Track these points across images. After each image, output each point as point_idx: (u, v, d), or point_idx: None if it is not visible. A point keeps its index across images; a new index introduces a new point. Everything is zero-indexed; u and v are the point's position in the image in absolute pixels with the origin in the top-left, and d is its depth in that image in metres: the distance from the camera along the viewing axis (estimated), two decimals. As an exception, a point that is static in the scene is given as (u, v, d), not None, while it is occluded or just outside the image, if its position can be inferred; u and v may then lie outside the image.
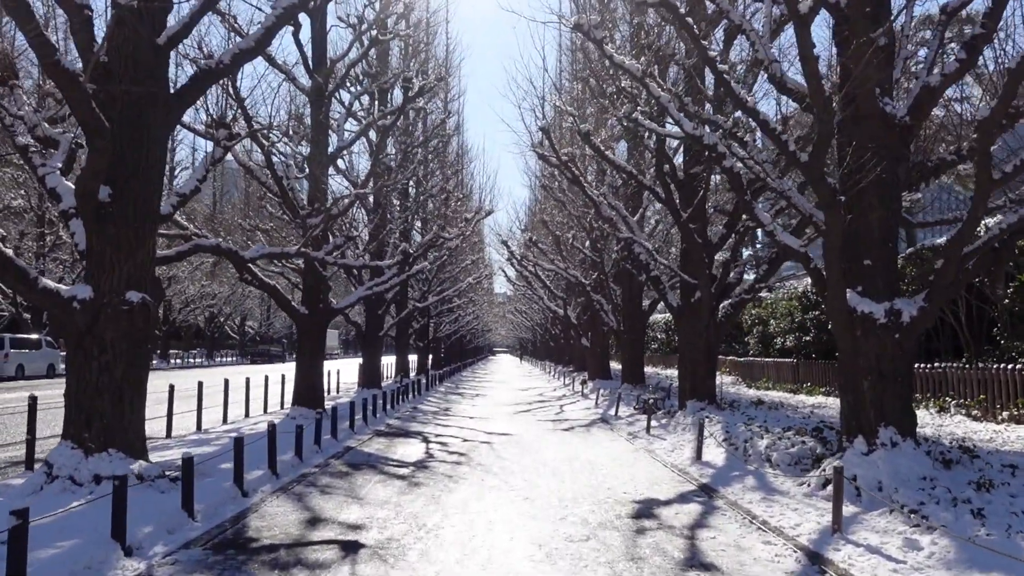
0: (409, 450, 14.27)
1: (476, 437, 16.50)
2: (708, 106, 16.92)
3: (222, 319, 77.92)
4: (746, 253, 21.98)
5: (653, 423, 17.40)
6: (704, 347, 18.75)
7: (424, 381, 33.19)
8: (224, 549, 7.12)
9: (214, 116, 13.80)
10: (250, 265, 18.19)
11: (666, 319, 50.71)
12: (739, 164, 10.35)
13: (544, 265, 32.53)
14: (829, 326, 25.01)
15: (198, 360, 68.66)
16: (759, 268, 19.60)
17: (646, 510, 9.08)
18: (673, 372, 43.20)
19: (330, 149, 19.59)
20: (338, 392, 29.30)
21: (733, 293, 19.48)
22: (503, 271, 49.98)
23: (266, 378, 22.16)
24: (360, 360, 30.09)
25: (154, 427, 16.58)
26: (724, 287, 19.02)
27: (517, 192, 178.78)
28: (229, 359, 75.65)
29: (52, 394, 24.37)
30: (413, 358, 50.35)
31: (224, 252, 12.16)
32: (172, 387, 15.92)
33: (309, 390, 18.91)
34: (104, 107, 9.50)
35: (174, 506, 8.07)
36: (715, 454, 12.92)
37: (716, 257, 19.48)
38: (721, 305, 20.05)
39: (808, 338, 26.76)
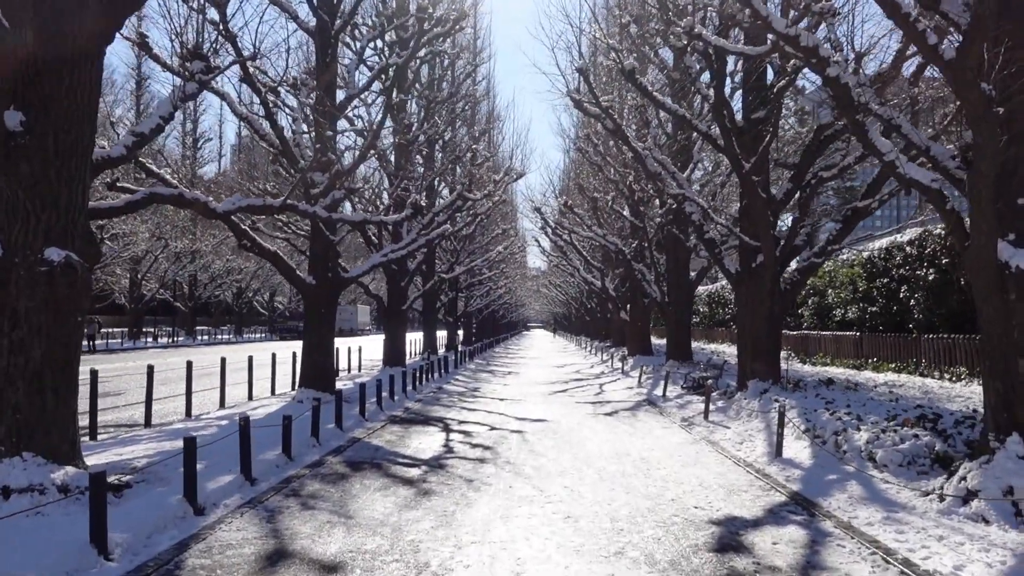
0: (425, 442, 12.02)
1: (506, 424, 14.22)
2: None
3: (250, 294, 76.62)
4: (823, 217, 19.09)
5: (710, 407, 14.97)
6: (767, 319, 16.25)
7: (453, 358, 31.05)
8: (128, 613, 4.91)
9: (189, 47, 11.57)
10: (248, 230, 16.07)
11: (708, 291, 47.99)
12: (846, 75, 7.78)
13: (581, 232, 30.04)
14: (901, 294, 22.43)
15: (225, 337, 67.34)
16: (810, 234, 16.96)
17: (731, 537, 6.70)
18: (718, 347, 40.58)
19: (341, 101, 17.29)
20: (359, 370, 27.26)
21: (800, 257, 16.91)
22: (537, 241, 47.49)
23: (273, 356, 20.09)
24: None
25: (139, 413, 14.66)
26: (790, 250, 16.46)
27: (550, 155, 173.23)
28: (258, 335, 74.37)
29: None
30: (442, 334, 48.33)
31: (190, 203, 9.94)
32: (151, 368, 13.80)
33: (318, 370, 16.75)
34: (10, 8, 7.28)
35: (83, 538, 5.87)
36: (797, 449, 10.49)
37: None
38: (785, 271, 17.51)
39: (874, 309, 24.05)
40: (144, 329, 59.38)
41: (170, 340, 56.96)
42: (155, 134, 10.08)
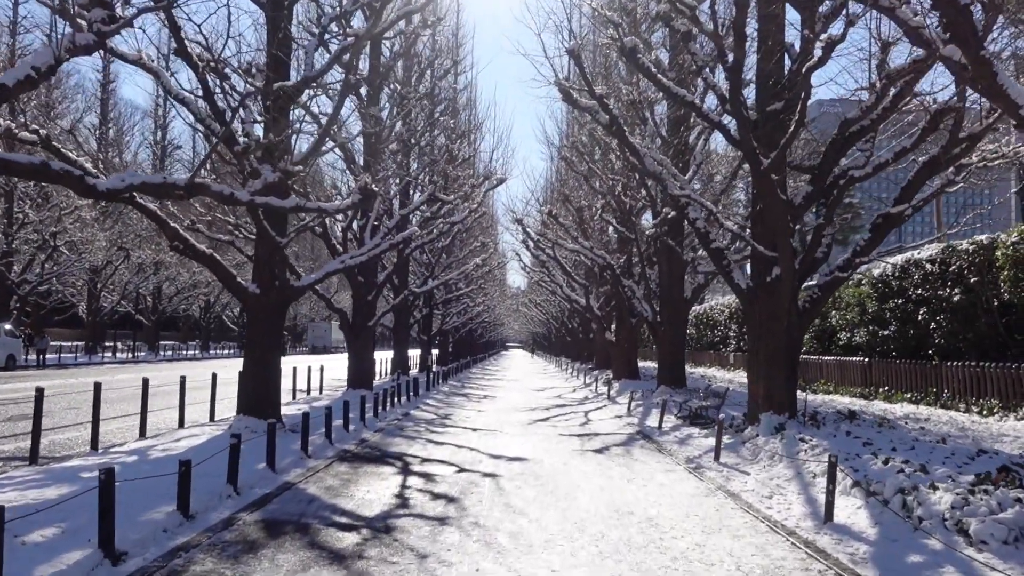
0: (375, 490, 9.60)
1: (477, 464, 11.81)
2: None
3: (219, 308, 73.63)
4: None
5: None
6: (784, 342, 14.05)
7: (425, 379, 28.60)
8: None
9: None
10: (179, 228, 13.66)
11: (696, 311, 45.82)
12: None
13: (566, 245, 27.79)
14: (919, 317, 20.30)
15: (190, 353, 64.27)
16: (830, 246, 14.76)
17: None
18: (706, 371, 38.36)
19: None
20: (321, 392, 24.72)
21: (822, 270, 14.77)
22: (518, 255, 45.16)
23: (214, 376, 17.54)
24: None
25: (44, 442, 12.09)
26: (811, 262, 14.31)
27: (533, 161, 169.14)
28: (226, 351, 71.25)
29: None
30: (416, 352, 45.82)
31: (59, 178, 7.49)
32: (40, 391, 11.24)
33: (260, 395, 14.29)
34: None
35: None
36: (848, 509, 8.19)
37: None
38: (803, 287, 15.36)
39: (886, 333, 21.93)
40: (106, 343, 56.37)
41: (130, 355, 53.97)
42: (23, 88, 7.71)
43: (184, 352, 63.75)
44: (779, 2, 13.74)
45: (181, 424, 15.14)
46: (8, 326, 36.75)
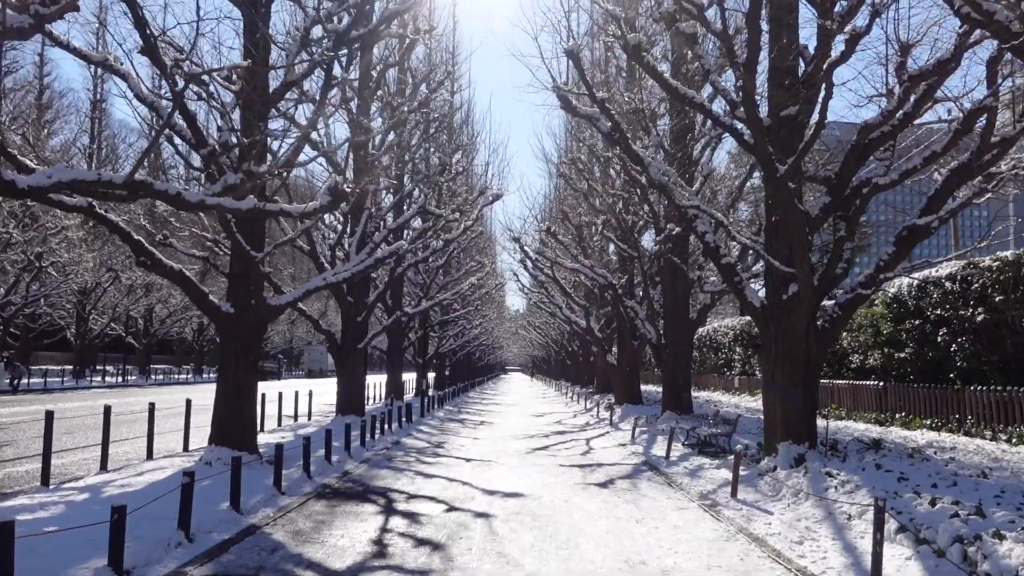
0: (350, 535, 8.43)
1: (468, 502, 10.64)
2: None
3: (212, 331, 72.35)
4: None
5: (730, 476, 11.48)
6: (803, 364, 12.94)
7: (420, 404, 27.40)
8: None
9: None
10: (144, 242, 12.56)
11: (698, 333, 44.62)
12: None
13: (566, 264, 26.70)
14: (939, 338, 19.19)
15: (183, 376, 62.97)
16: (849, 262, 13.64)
17: None
18: (711, 395, 37.17)
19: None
20: (309, 419, 23.54)
21: (843, 287, 13.68)
22: (515, 276, 44.05)
23: (188, 403, 16.37)
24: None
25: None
26: (830, 279, 13.22)
27: (530, 178, 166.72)
28: (219, 375, 69.82)
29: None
30: (412, 376, 44.62)
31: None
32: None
33: (233, 423, 13.12)
34: None
35: None
36: (896, 559, 7.04)
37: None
38: (820, 306, 14.26)
39: (903, 355, 20.79)
40: (96, 367, 55.09)
41: (120, 379, 52.70)
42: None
43: (176, 376, 62.48)
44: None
45: (150, 455, 13.98)
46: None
